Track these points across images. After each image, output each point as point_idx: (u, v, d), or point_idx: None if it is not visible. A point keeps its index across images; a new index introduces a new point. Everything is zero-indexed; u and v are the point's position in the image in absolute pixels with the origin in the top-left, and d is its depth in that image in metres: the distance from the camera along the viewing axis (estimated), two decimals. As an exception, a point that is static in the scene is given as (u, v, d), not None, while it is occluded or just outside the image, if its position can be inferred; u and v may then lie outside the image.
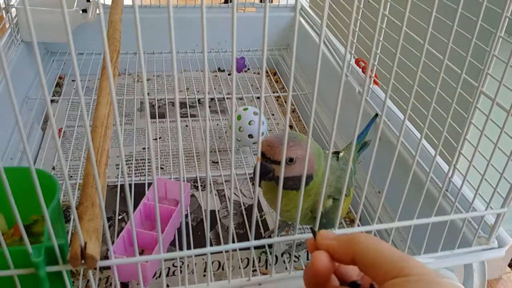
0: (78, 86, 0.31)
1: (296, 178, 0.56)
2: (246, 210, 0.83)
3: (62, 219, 0.49)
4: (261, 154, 0.56)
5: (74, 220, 0.35)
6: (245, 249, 0.74)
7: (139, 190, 0.84)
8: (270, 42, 1.34)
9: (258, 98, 1.16)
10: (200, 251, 0.43)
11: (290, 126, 1.10)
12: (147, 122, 0.33)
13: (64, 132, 1.00)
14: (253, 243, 0.44)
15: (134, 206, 0.73)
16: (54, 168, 0.90)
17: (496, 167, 0.52)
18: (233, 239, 0.78)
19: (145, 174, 0.89)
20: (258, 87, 1.23)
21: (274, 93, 1.21)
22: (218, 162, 0.94)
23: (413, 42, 0.62)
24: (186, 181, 0.88)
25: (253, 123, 0.90)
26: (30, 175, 0.32)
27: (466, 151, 0.60)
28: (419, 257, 0.53)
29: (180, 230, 0.71)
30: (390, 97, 0.82)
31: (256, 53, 1.32)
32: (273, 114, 1.14)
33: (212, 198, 0.86)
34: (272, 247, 0.74)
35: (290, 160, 0.55)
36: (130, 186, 0.83)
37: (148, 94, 1.14)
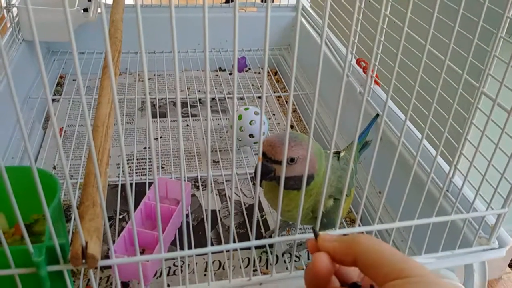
0: (79, 85, 0.31)
1: (297, 178, 0.56)
2: (247, 209, 0.83)
3: (63, 219, 0.49)
4: (262, 154, 0.56)
5: (75, 219, 0.35)
6: (245, 248, 0.74)
7: (140, 190, 0.84)
8: (271, 42, 1.34)
9: (259, 97, 1.16)
10: (201, 251, 0.43)
11: (291, 126, 1.10)
12: (148, 121, 0.33)
13: (65, 131, 1.00)
14: (254, 243, 0.44)
15: (135, 206, 0.73)
16: (55, 167, 0.90)
17: (497, 168, 0.52)
18: (234, 239, 0.78)
19: (146, 174, 0.89)
20: (259, 87, 1.23)
21: (275, 92, 1.21)
22: (219, 162, 0.94)
23: (414, 42, 0.62)
24: (187, 180, 0.88)
25: (254, 123, 0.90)
26: (31, 174, 0.32)
27: (467, 152, 0.60)
28: (420, 257, 0.53)
29: (181, 230, 0.71)
30: (391, 97, 0.82)
31: (257, 52, 1.32)
32: (274, 114, 1.14)
33: (213, 198, 0.86)
34: (272, 247, 0.74)
35: (291, 160, 0.55)
36: (131, 185, 0.83)
37: (149, 94, 1.14)
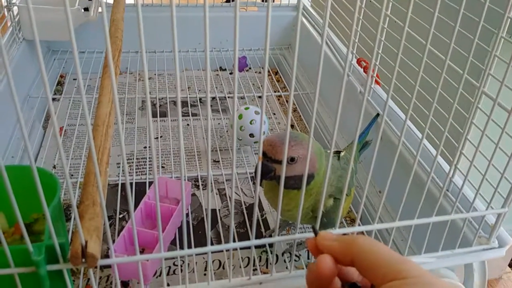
0: (80, 85, 0.31)
1: (297, 177, 0.56)
2: (247, 209, 0.83)
3: (63, 218, 0.49)
4: (262, 153, 0.56)
5: (75, 218, 0.35)
6: (245, 248, 0.74)
7: (140, 189, 0.84)
8: (272, 41, 1.34)
9: (260, 97, 1.16)
10: (200, 250, 0.43)
11: (291, 126, 1.10)
12: (149, 121, 0.33)
13: (65, 130, 1.00)
14: (253, 242, 0.44)
15: (135, 205, 0.73)
16: (55, 166, 0.90)
17: (497, 167, 0.52)
18: (233, 238, 0.78)
19: (146, 173, 0.89)
20: (260, 86, 1.23)
21: (275, 92, 1.21)
22: (219, 161, 0.94)
23: (415, 42, 0.62)
24: (187, 180, 0.88)
25: (254, 122, 0.89)
26: (31, 174, 0.32)
27: (467, 151, 0.60)
28: (420, 256, 0.53)
29: (181, 229, 0.71)
30: (392, 97, 0.82)
31: (257, 52, 1.32)
32: (274, 114, 1.14)
33: (213, 197, 0.86)
34: (272, 246, 0.74)
35: (292, 159, 0.55)
36: (131, 185, 0.83)
37: (149, 93, 1.14)
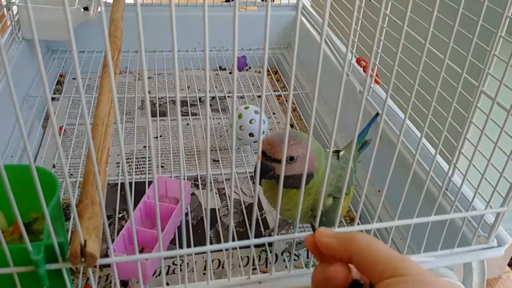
0: (79, 84, 0.31)
1: (296, 176, 0.56)
2: (247, 208, 0.83)
3: (62, 217, 0.49)
4: (262, 152, 0.56)
5: (74, 218, 0.35)
6: (245, 247, 0.74)
7: (140, 188, 0.84)
8: (272, 41, 1.34)
9: (259, 96, 1.16)
10: (200, 249, 0.43)
11: (291, 125, 1.10)
12: (148, 120, 0.33)
13: (64, 130, 1.00)
14: (253, 242, 0.44)
15: (135, 204, 0.73)
16: (54, 166, 0.90)
17: (496, 167, 0.52)
18: (233, 238, 0.78)
19: (145, 173, 0.89)
20: (259, 86, 1.23)
21: (275, 91, 1.21)
22: (218, 161, 0.94)
23: (414, 41, 0.62)
24: (187, 179, 0.88)
25: (254, 122, 0.90)
26: (30, 173, 0.32)
27: (466, 150, 0.60)
28: (419, 255, 0.53)
29: (180, 229, 0.71)
30: (391, 96, 0.82)
31: (257, 51, 1.32)
32: (274, 113, 1.14)
33: (212, 197, 0.86)
34: (272, 246, 0.74)
35: (291, 158, 0.55)
36: (130, 184, 0.83)
37: (149, 92, 1.14)
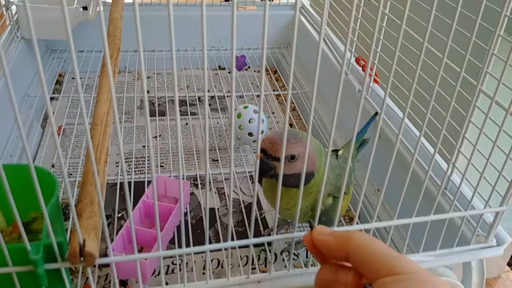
0: (77, 84, 0.31)
1: (297, 175, 0.56)
2: (246, 208, 0.83)
3: (61, 217, 0.49)
4: (262, 151, 0.56)
5: (73, 217, 0.35)
6: (244, 247, 0.74)
7: (139, 188, 0.84)
8: (271, 40, 1.34)
9: (258, 96, 1.16)
10: (199, 249, 0.43)
11: (290, 124, 1.10)
12: (147, 120, 0.33)
13: (63, 129, 1.00)
14: (252, 241, 0.44)
15: (134, 204, 0.73)
16: (53, 165, 0.90)
17: (495, 166, 0.52)
18: (232, 237, 0.78)
19: (144, 172, 0.89)
20: (258, 85, 1.23)
21: (274, 91, 1.21)
22: (218, 160, 0.94)
23: (412, 40, 0.62)
24: (186, 179, 0.88)
25: (253, 121, 0.90)
26: (29, 173, 0.32)
27: (465, 150, 0.60)
28: (418, 255, 0.53)
29: (179, 228, 0.71)
30: (390, 95, 0.83)
31: (256, 51, 1.32)
32: (273, 112, 1.14)
33: (211, 196, 0.86)
34: (271, 245, 0.74)
35: (292, 157, 0.55)
36: (129, 184, 0.83)
37: (148, 92, 1.14)
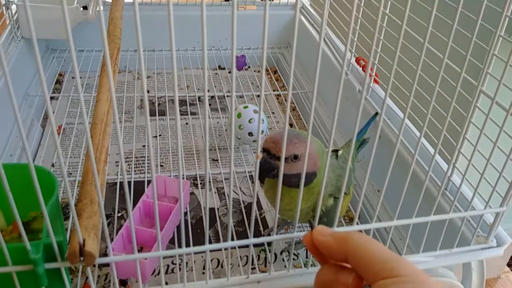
0: (77, 83, 0.31)
1: (300, 175, 0.56)
2: (246, 208, 0.83)
3: (61, 216, 0.49)
4: (265, 150, 0.56)
5: (73, 217, 0.35)
6: (244, 247, 0.74)
7: (139, 188, 0.84)
8: (271, 40, 1.34)
9: (258, 96, 1.16)
10: (199, 249, 0.43)
11: (290, 124, 1.10)
12: (147, 119, 0.33)
13: (63, 129, 1.00)
14: (252, 241, 0.44)
15: (134, 204, 0.73)
16: (53, 165, 0.90)
17: (495, 166, 0.52)
18: (232, 237, 0.78)
19: (144, 172, 0.89)
20: (258, 85, 1.23)
21: (274, 91, 1.21)
22: (218, 160, 0.94)
23: (413, 40, 0.62)
24: (186, 178, 0.88)
25: (253, 121, 0.90)
26: (29, 172, 0.32)
27: (465, 150, 0.60)
28: (418, 255, 0.53)
29: (179, 228, 0.71)
30: (390, 95, 0.82)
31: (256, 51, 1.32)
32: (273, 112, 1.14)
33: (211, 196, 0.86)
34: (271, 245, 0.74)
35: (295, 157, 0.55)
36: (129, 183, 0.83)
37: (148, 92, 1.14)
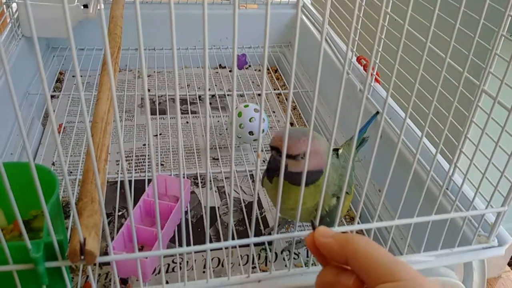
0: (78, 82, 0.30)
1: (308, 173, 0.56)
2: (246, 207, 0.83)
3: (62, 215, 0.49)
4: (275, 149, 0.55)
5: (73, 216, 0.35)
6: (244, 246, 0.74)
7: (139, 187, 0.84)
8: (272, 39, 1.34)
9: (259, 95, 1.16)
10: (199, 248, 0.43)
11: (291, 124, 1.10)
12: (147, 118, 0.33)
13: (64, 127, 1.00)
14: (252, 240, 0.44)
15: (134, 203, 0.73)
16: (54, 164, 0.90)
17: (497, 166, 0.52)
18: (232, 236, 0.78)
19: (145, 171, 0.89)
20: (259, 84, 1.23)
21: (275, 90, 1.21)
22: (218, 159, 0.94)
23: (415, 40, 0.61)
24: (186, 177, 0.88)
25: (253, 120, 0.89)
26: (29, 171, 0.32)
27: (467, 150, 0.60)
28: (419, 255, 0.53)
29: (180, 227, 0.71)
30: (392, 95, 0.82)
31: (257, 50, 1.32)
32: (274, 111, 1.14)
33: (212, 195, 0.86)
34: (271, 244, 0.74)
35: (305, 154, 0.55)
36: (130, 182, 0.83)
37: (148, 91, 1.14)
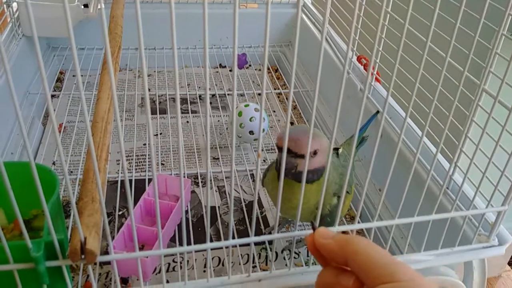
0: (78, 81, 0.30)
1: (316, 170, 0.56)
2: (247, 206, 0.83)
3: (62, 214, 0.49)
4: (287, 151, 0.55)
5: (74, 215, 0.35)
6: (245, 245, 0.74)
7: (140, 186, 0.84)
8: (272, 38, 1.34)
9: (259, 94, 1.16)
10: (200, 247, 0.43)
11: (291, 123, 1.10)
12: (148, 117, 0.33)
13: (64, 127, 1.00)
14: (253, 239, 0.44)
15: (135, 202, 0.73)
16: (54, 163, 0.90)
17: (497, 165, 0.52)
18: (233, 235, 0.78)
19: (145, 170, 0.89)
20: (260, 84, 1.23)
21: (275, 89, 1.21)
22: (218, 158, 0.94)
23: (415, 39, 0.61)
24: (187, 177, 0.88)
25: (254, 120, 0.89)
26: (30, 170, 0.32)
27: (467, 149, 0.60)
28: (420, 254, 0.53)
29: (180, 226, 0.71)
30: (392, 94, 0.82)
31: (257, 49, 1.32)
32: (274, 111, 1.14)
33: (212, 194, 0.86)
34: (272, 244, 0.74)
35: (315, 152, 0.55)
36: (130, 181, 0.83)
37: (149, 90, 1.14)
